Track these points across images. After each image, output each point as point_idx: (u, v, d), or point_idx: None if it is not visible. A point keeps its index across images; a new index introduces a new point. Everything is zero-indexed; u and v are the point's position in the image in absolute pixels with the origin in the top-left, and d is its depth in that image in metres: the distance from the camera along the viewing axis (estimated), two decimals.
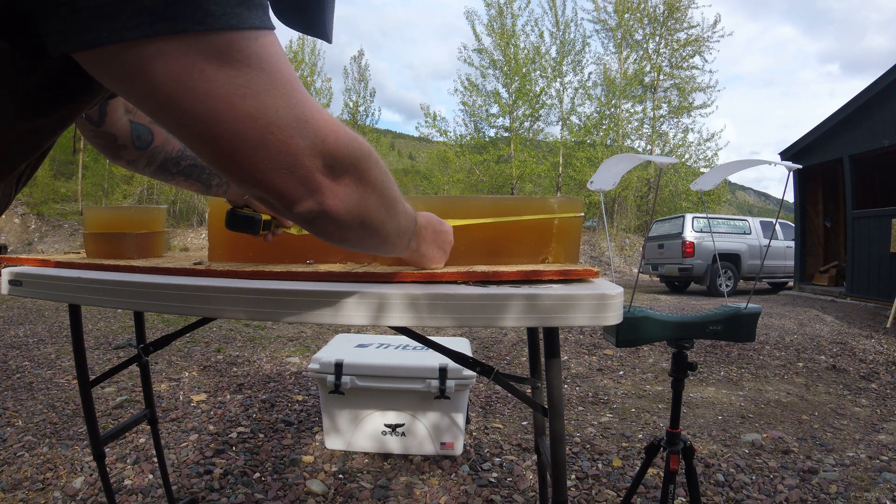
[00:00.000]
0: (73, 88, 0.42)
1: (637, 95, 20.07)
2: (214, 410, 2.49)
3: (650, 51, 19.70)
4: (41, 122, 0.43)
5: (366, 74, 22.31)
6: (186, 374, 3.08)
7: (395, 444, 2.02)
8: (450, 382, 1.91)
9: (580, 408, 2.74)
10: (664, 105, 20.04)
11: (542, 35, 19.82)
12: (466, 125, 21.09)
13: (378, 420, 2.01)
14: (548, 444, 0.83)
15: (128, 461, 1.92)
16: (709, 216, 10.55)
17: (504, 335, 4.37)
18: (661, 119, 20.11)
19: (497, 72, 20.01)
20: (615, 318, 0.64)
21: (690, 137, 22.82)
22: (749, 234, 9.60)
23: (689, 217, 9.42)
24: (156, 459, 1.70)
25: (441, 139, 20.94)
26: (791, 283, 9.89)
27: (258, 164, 0.39)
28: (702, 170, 19.38)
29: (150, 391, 1.43)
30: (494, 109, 20.34)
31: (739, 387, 3.16)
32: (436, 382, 1.91)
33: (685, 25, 19.19)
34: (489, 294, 0.62)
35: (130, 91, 0.36)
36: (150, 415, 1.43)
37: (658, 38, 19.57)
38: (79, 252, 1.14)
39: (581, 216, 0.90)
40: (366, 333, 2.97)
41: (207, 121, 0.36)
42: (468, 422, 2.35)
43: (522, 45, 19.67)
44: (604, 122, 19.94)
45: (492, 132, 20.75)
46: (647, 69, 19.75)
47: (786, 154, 9.34)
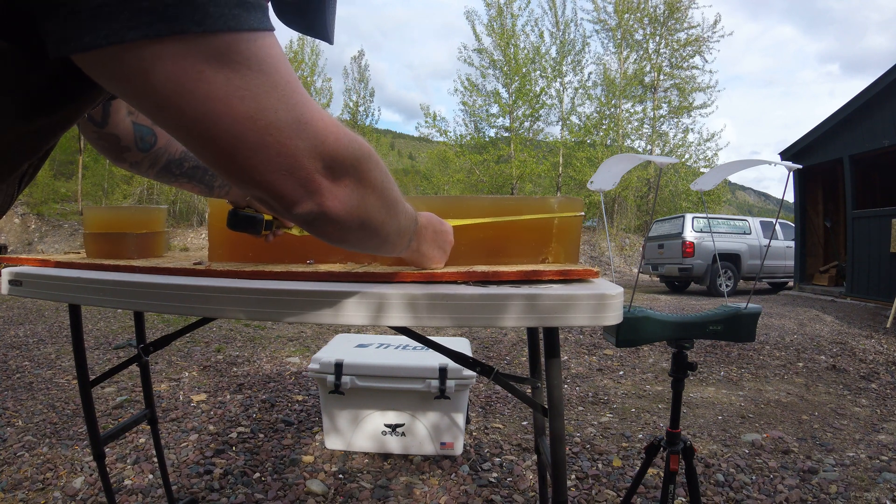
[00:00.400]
0: (74, 89, 0.42)
1: (637, 95, 20.08)
2: (214, 410, 2.49)
3: (650, 51, 19.72)
4: (42, 123, 0.43)
5: (366, 74, 22.33)
6: (186, 374, 3.07)
7: (395, 444, 2.02)
8: (450, 382, 1.91)
9: (580, 408, 2.74)
10: (664, 105, 20.05)
11: (542, 35, 19.85)
12: (466, 125, 21.15)
13: (378, 420, 2.01)
14: (548, 444, 0.83)
15: (128, 461, 1.92)
16: (709, 216, 10.55)
17: (504, 335, 4.37)
18: (661, 119, 20.12)
19: (497, 72, 20.03)
20: (615, 318, 0.64)
21: (690, 137, 22.86)
22: (749, 234, 9.60)
23: (689, 217, 9.42)
24: (156, 459, 1.70)
25: (441, 139, 20.97)
26: (791, 283, 9.89)
27: (257, 166, 0.39)
28: (702, 170, 19.38)
29: (150, 391, 1.43)
30: (494, 109, 20.38)
31: (739, 387, 3.16)
32: (436, 382, 1.91)
33: (685, 25, 19.20)
34: (489, 294, 0.62)
35: (130, 93, 0.36)
36: (150, 415, 1.43)
37: (658, 38, 19.59)
38: (79, 252, 1.14)
39: (581, 216, 0.90)
40: (366, 333, 2.97)
41: (206, 122, 0.36)
42: (468, 422, 2.35)
43: (522, 45, 19.70)
44: (604, 122, 19.95)
45: (492, 132, 20.79)
46: (647, 69, 19.76)
47: (786, 154, 9.34)
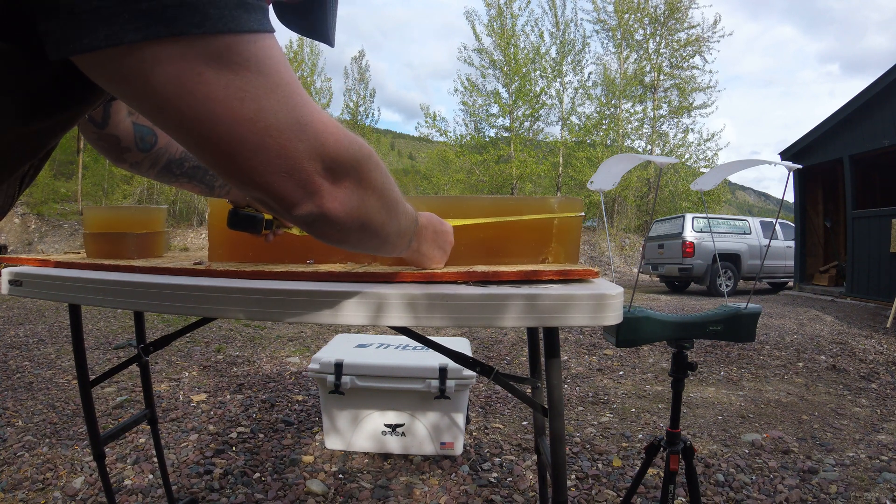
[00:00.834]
0: (75, 90, 0.42)
1: (637, 95, 20.08)
2: (214, 410, 2.49)
3: (650, 51, 19.72)
4: (43, 124, 0.43)
5: (366, 75, 22.32)
6: (186, 374, 3.08)
7: (395, 444, 2.02)
8: (450, 382, 1.91)
9: (580, 408, 2.74)
10: (664, 105, 20.05)
11: (542, 35, 19.84)
12: (466, 125, 21.15)
13: (378, 420, 2.01)
14: (548, 444, 0.83)
15: (128, 461, 1.92)
16: (709, 216, 10.55)
17: (504, 335, 4.37)
18: (661, 119, 20.13)
19: (497, 72, 20.03)
20: (615, 318, 0.64)
21: (690, 137, 22.84)
22: (749, 234, 9.60)
23: (689, 217, 9.42)
24: (156, 459, 1.70)
25: (441, 139, 20.97)
26: (791, 283, 9.89)
27: (257, 167, 0.39)
28: (702, 170, 19.38)
29: (150, 391, 1.43)
30: (494, 109, 20.38)
31: (739, 387, 3.16)
32: (436, 382, 1.91)
33: (685, 25, 19.20)
34: (489, 294, 0.62)
35: (129, 94, 0.36)
36: (150, 415, 1.43)
37: (658, 38, 19.59)
38: (79, 252, 1.14)
39: (581, 216, 0.89)
40: (366, 333, 2.97)
41: (206, 124, 0.36)
42: (468, 422, 2.35)
43: (522, 46, 19.70)
44: (604, 122, 19.95)
45: (492, 132, 20.79)
46: (647, 69, 19.76)
47: (786, 154, 9.34)
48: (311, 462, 1.97)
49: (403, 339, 2.28)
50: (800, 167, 1.55)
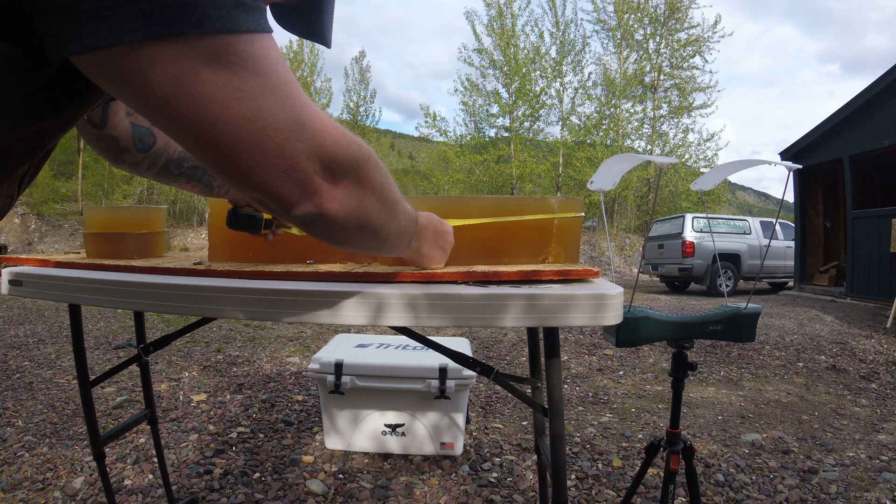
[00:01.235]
0: (75, 90, 0.42)
1: (637, 95, 20.08)
2: (214, 410, 2.49)
3: (650, 51, 19.71)
4: (43, 124, 0.43)
5: (366, 76, 22.32)
6: (186, 374, 3.08)
7: (395, 444, 2.02)
8: (450, 382, 1.91)
9: (580, 408, 2.74)
10: (664, 105, 20.04)
11: (542, 35, 19.83)
12: (466, 125, 21.14)
13: (378, 420, 2.01)
14: (548, 444, 0.83)
15: (128, 461, 1.92)
16: (709, 216, 10.55)
17: (504, 335, 4.37)
18: (661, 119, 20.12)
19: (497, 72, 20.02)
20: (615, 318, 0.64)
21: (690, 137, 22.85)
22: (749, 234, 9.60)
23: (689, 217, 9.42)
24: (156, 459, 1.70)
25: (441, 139, 20.97)
26: (791, 283, 9.89)
27: (255, 168, 0.39)
28: (702, 170, 19.37)
29: (150, 391, 1.43)
30: (494, 109, 20.37)
31: (739, 387, 3.16)
32: (436, 382, 1.91)
33: (686, 25, 19.20)
34: (489, 294, 0.62)
35: (128, 94, 0.36)
36: (150, 415, 1.43)
37: (658, 38, 19.58)
38: (79, 252, 1.14)
39: (581, 216, 0.89)
40: (366, 333, 2.97)
41: (204, 124, 0.36)
42: (468, 422, 2.35)
43: (522, 46, 19.69)
44: (604, 122, 19.94)
45: (492, 132, 20.78)
46: (648, 69, 19.76)
47: (786, 154, 9.34)
48: (311, 462, 1.97)
49: (403, 339, 2.28)
50: (800, 167, 1.55)
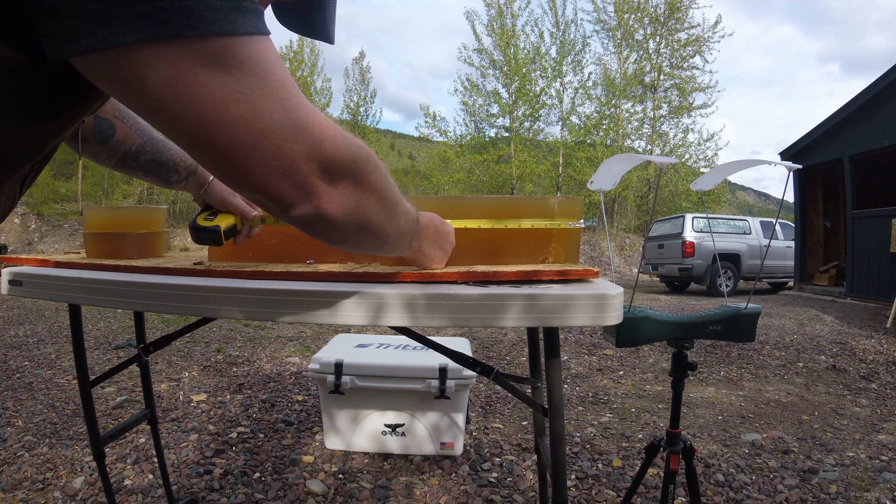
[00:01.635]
0: (76, 92, 0.42)
1: (637, 95, 20.07)
2: (214, 410, 2.49)
3: (650, 51, 19.71)
4: (44, 126, 0.43)
5: (367, 76, 22.31)
6: (186, 374, 3.08)
7: (395, 444, 2.02)
8: (450, 382, 1.91)
9: (580, 408, 2.74)
10: (664, 105, 20.04)
11: (542, 35, 19.83)
12: (466, 125, 21.14)
13: (378, 420, 2.01)
14: (548, 444, 0.83)
15: (128, 461, 1.92)
16: (709, 216, 10.55)
17: (504, 335, 4.37)
18: (661, 119, 20.11)
19: (497, 72, 20.02)
20: (615, 318, 0.64)
21: (690, 137, 22.86)
22: (749, 234, 9.60)
23: (689, 217, 9.42)
24: (156, 459, 1.70)
25: (441, 139, 20.96)
26: (791, 283, 9.89)
27: (253, 169, 0.39)
28: (702, 170, 19.37)
29: (150, 391, 1.43)
30: (494, 109, 20.37)
31: (739, 387, 3.16)
32: (436, 382, 1.91)
33: (686, 25, 19.19)
34: (489, 294, 0.62)
35: (126, 95, 0.36)
36: (150, 415, 1.43)
37: (658, 38, 19.58)
38: (79, 252, 1.14)
39: (580, 227, 0.89)
40: (366, 333, 2.97)
41: (202, 125, 0.36)
42: (468, 422, 2.35)
43: (522, 46, 19.69)
44: (604, 122, 19.93)
45: (492, 132, 20.77)
46: (648, 69, 19.76)
47: (786, 154, 9.34)
48: (311, 462, 1.97)
49: (403, 339, 2.28)
50: (800, 167, 1.55)
